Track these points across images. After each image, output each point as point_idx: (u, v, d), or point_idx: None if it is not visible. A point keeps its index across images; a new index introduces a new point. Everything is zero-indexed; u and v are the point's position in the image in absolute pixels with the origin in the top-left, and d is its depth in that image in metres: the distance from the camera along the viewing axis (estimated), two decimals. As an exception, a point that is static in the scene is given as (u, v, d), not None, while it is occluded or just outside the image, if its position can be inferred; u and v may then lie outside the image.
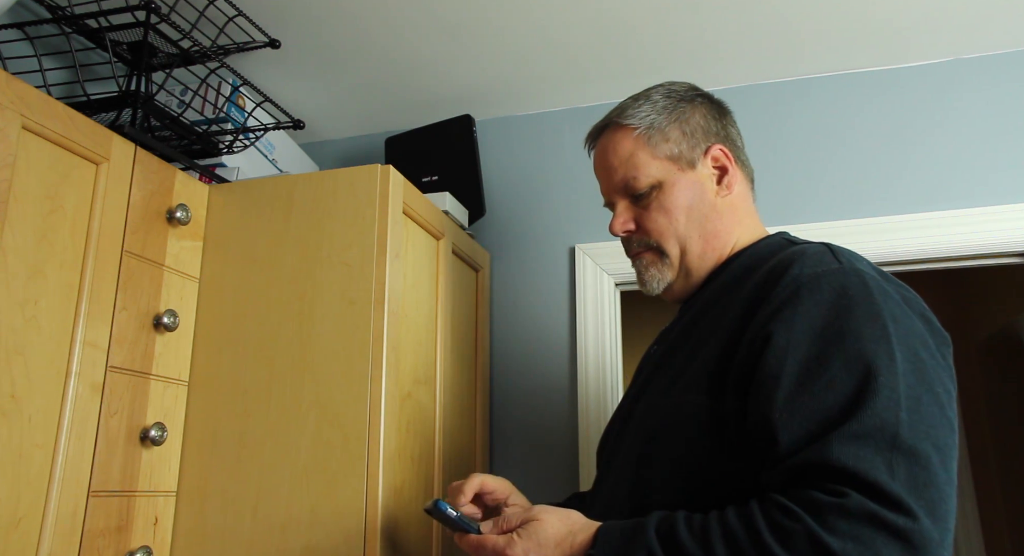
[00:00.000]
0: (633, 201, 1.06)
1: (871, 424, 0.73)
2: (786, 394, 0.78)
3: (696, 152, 1.05)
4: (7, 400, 0.99)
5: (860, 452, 0.72)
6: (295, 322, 1.28)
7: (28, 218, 1.04)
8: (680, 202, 1.03)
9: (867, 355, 0.77)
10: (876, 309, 0.80)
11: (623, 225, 1.07)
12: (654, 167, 1.04)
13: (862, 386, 0.75)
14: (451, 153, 1.79)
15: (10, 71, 1.10)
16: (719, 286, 1.00)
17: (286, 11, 1.55)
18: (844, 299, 0.81)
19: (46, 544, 1.01)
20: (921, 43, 1.66)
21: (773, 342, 0.81)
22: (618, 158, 1.06)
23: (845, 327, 0.79)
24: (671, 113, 1.06)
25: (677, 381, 0.93)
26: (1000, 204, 1.60)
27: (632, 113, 1.06)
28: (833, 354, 0.78)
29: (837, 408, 0.75)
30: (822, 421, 0.75)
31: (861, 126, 1.73)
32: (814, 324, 0.80)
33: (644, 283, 1.07)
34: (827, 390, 0.76)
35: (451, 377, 1.53)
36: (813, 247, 0.91)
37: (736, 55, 1.71)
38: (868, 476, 0.71)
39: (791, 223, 1.69)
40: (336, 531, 1.16)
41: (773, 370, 0.80)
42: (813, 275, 0.84)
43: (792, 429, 0.76)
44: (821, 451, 0.73)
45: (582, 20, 1.58)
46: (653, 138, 1.05)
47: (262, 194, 1.37)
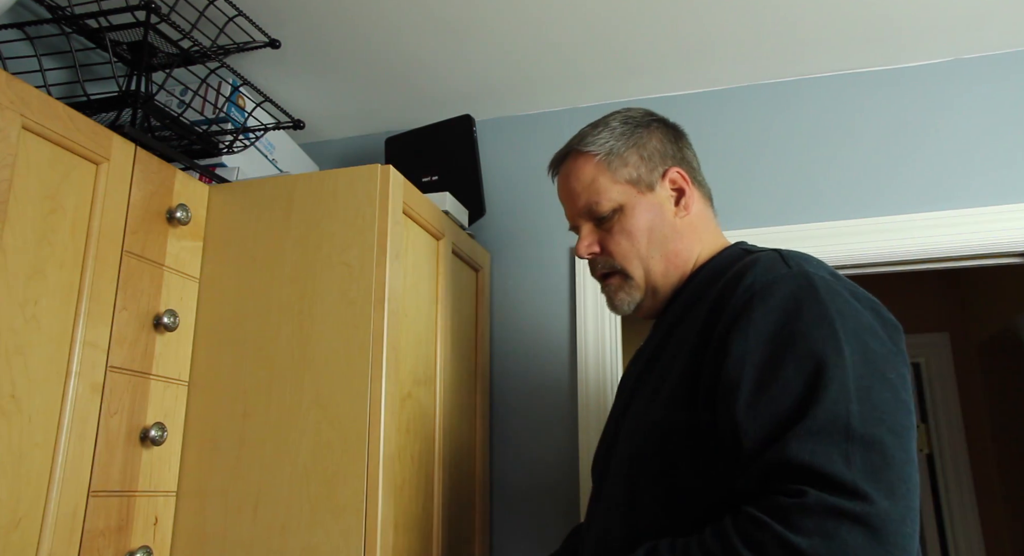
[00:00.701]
0: (597, 224, 1.11)
1: (824, 419, 0.77)
2: (746, 399, 0.82)
3: (654, 175, 1.09)
4: (7, 400, 0.99)
5: (815, 447, 0.76)
6: (295, 322, 1.28)
7: (28, 218, 1.04)
8: (641, 224, 1.08)
9: (816, 354, 0.82)
10: (823, 309, 0.85)
11: (588, 248, 1.12)
12: (615, 191, 1.09)
13: (813, 384, 0.80)
14: (451, 153, 1.79)
15: (10, 71, 1.10)
16: (683, 301, 1.05)
17: (286, 11, 1.55)
18: (792, 303, 0.86)
19: (46, 544, 1.01)
20: (921, 43, 1.66)
21: (731, 351, 0.86)
22: (580, 184, 1.11)
23: (795, 330, 0.84)
24: (628, 139, 1.11)
25: (655, 398, 0.96)
26: (1000, 204, 1.60)
27: (592, 140, 1.11)
28: (785, 356, 0.83)
29: (792, 408, 0.80)
30: (779, 422, 0.79)
31: (861, 126, 1.73)
32: (766, 330, 0.85)
33: (615, 306, 1.11)
34: (782, 392, 0.81)
35: (451, 377, 1.53)
36: (765, 255, 0.95)
37: (736, 55, 1.71)
38: (824, 469, 0.75)
39: (791, 223, 1.69)
40: (336, 531, 1.16)
41: (733, 378, 0.84)
42: (764, 284, 0.89)
43: (753, 433, 0.80)
44: (779, 451, 0.78)
45: (582, 20, 1.58)
46: (613, 163, 1.09)
47: (262, 194, 1.37)
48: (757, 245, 1.09)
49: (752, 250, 1.05)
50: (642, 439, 0.96)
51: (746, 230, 1.72)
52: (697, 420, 0.89)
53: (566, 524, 1.67)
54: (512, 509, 1.72)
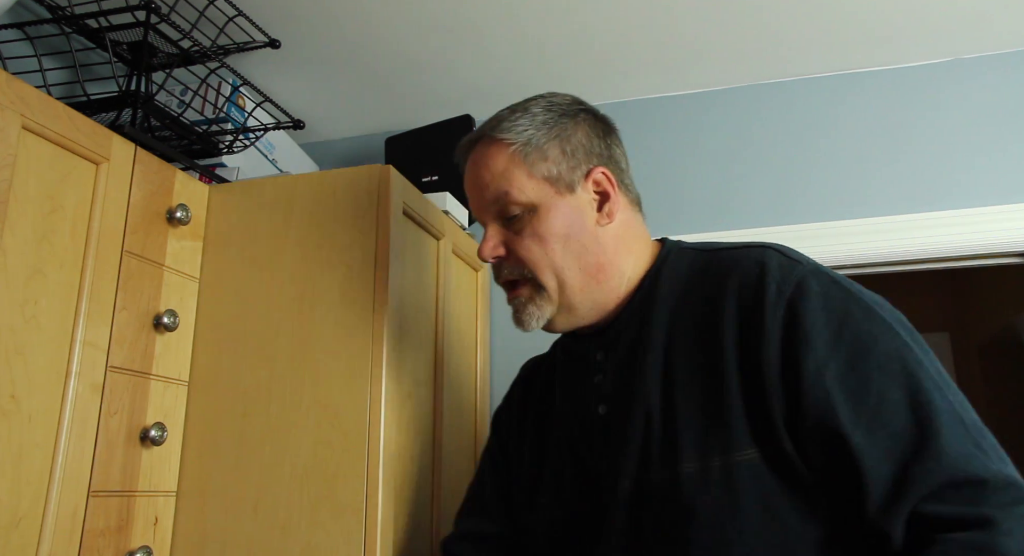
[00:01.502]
0: (504, 224, 0.94)
1: (945, 422, 0.73)
2: (847, 420, 0.74)
3: (576, 174, 0.93)
4: (7, 400, 0.98)
5: (962, 451, 0.72)
6: (295, 322, 1.28)
7: (28, 218, 1.04)
8: (556, 230, 0.91)
9: (893, 356, 0.76)
10: (862, 302, 0.80)
11: (493, 250, 0.94)
12: (529, 188, 0.92)
13: (912, 390, 0.75)
14: (451, 153, 1.78)
15: (10, 71, 1.10)
16: (661, 323, 0.89)
17: (286, 11, 1.55)
18: (833, 301, 0.80)
19: (46, 544, 1.01)
20: (921, 43, 1.66)
21: (804, 367, 0.77)
22: (490, 173, 0.94)
23: (857, 331, 0.78)
24: (551, 129, 0.94)
25: (704, 443, 0.80)
26: (1000, 204, 1.60)
27: (508, 126, 0.94)
28: (867, 365, 0.76)
29: (908, 420, 0.74)
30: (906, 441, 0.73)
31: (861, 126, 1.73)
32: (827, 335, 0.78)
33: (521, 322, 0.94)
34: (884, 407, 0.75)
35: (451, 377, 1.53)
36: (761, 254, 0.86)
37: (736, 55, 1.71)
38: (983, 472, 0.71)
39: (791, 223, 1.69)
40: (336, 531, 1.16)
41: (820, 397, 0.76)
42: (794, 283, 0.81)
43: (878, 457, 0.73)
44: (932, 472, 0.72)
45: (581, 21, 1.58)
46: (530, 156, 0.92)
47: (262, 194, 1.36)
48: (684, 241, 0.98)
49: (707, 247, 0.94)
50: (710, 488, 0.79)
51: (746, 230, 1.72)
52: (774, 452, 0.77)
53: (566, 524, 1.66)
54: (512, 509, 1.71)
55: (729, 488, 0.77)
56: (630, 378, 0.89)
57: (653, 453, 0.83)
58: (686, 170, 1.82)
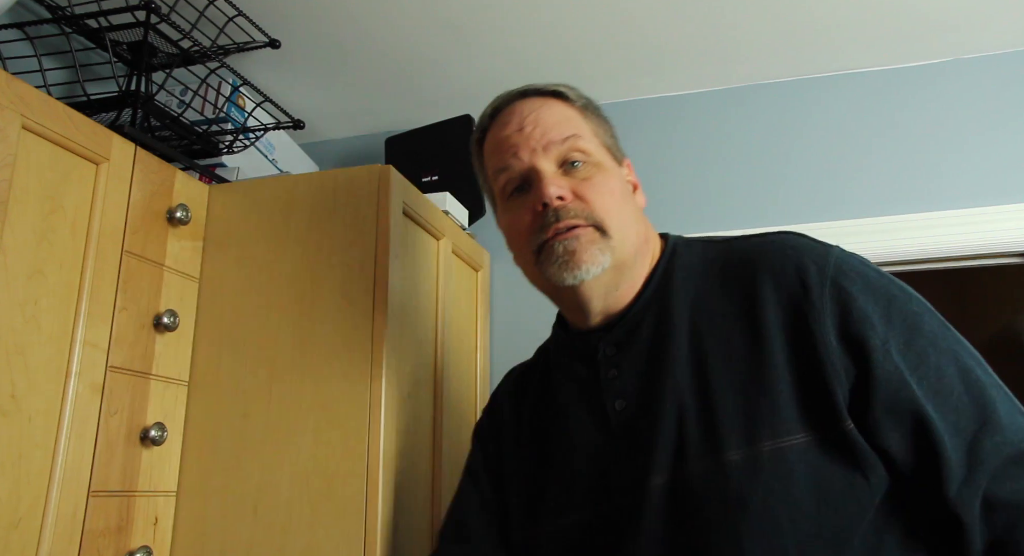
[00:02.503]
0: (563, 171, 0.87)
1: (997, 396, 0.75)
2: (922, 395, 0.74)
3: (620, 154, 0.94)
4: (7, 400, 0.98)
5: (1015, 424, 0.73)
6: (295, 322, 1.28)
7: (28, 218, 1.04)
8: (618, 192, 0.87)
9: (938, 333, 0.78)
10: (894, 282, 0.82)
11: (559, 190, 0.84)
12: (594, 145, 0.89)
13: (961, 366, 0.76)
14: (451, 153, 1.79)
15: (10, 71, 1.10)
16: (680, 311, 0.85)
17: (286, 11, 1.55)
18: (869, 280, 0.79)
19: (46, 544, 1.01)
20: (921, 43, 1.66)
21: (869, 345, 0.75)
22: (554, 118, 0.89)
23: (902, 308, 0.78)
24: (599, 111, 0.95)
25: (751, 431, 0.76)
26: (1000, 204, 1.60)
27: (564, 90, 0.92)
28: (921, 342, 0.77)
29: (966, 396, 0.74)
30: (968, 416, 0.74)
31: (861, 126, 1.73)
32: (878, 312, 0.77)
33: (579, 264, 0.82)
34: (941, 381, 0.75)
35: (451, 377, 1.53)
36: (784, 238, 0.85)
37: (736, 55, 1.71)
38: None
39: (791, 223, 1.69)
40: (336, 531, 1.16)
41: (892, 375, 0.74)
42: (834, 265, 0.79)
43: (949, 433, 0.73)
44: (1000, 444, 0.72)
45: (582, 20, 1.58)
46: (591, 119, 0.91)
47: (262, 194, 1.36)
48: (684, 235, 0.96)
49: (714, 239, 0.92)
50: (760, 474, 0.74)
51: (745, 230, 1.72)
52: (842, 434, 0.74)
53: (566, 524, 1.66)
54: (512, 509, 1.71)
55: (780, 475, 0.73)
56: (655, 371, 0.83)
57: (690, 444, 0.78)
58: (684, 170, 1.82)
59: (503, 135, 0.90)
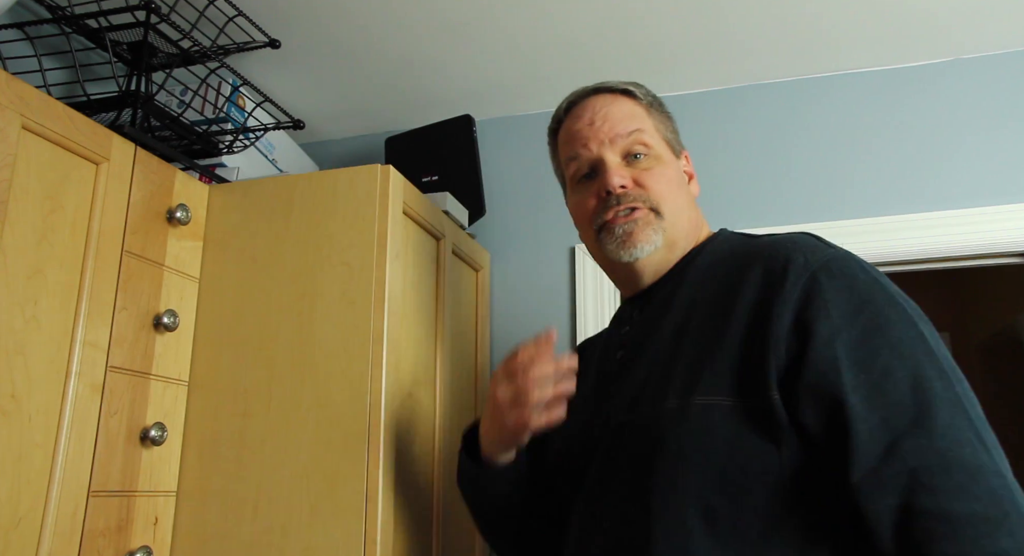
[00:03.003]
0: (626, 162, 1.00)
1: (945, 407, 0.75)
2: (851, 385, 0.77)
3: (679, 147, 1.08)
4: (7, 400, 0.99)
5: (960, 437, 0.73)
6: (295, 322, 1.28)
7: (28, 218, 1.04)
8: (674, 180, 1.02)
9: (905, 341, 0.79)
10: (887, 292, 0.83)
11: (623, 178, 0.98)
12: (655, 139, 1.02)
13: (917, 373, 0.77)
14: (451, 153, 1.79)
15: (10, 71, 1.10)
16: (690, 286, 0.95)
17: (286, 11, 1.55)
18: (857, 282, 0.83)
19: (46, 544, 1.01)
20: (921, 43, 1.66)
21: (815, 331, 0.80)
22: (621, 112, 1.02)
23: (875, 313, 0.81)
24: (663, 107, 1.08)
25: (690, 387, 0.85)
26: (1000, 204, 1.60)
27: (631, 88, 1.05)
28: (878, 343, 0.79)
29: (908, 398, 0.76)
30: (903, 416, 0.75)
31: (860, 126, 1.73)
32: (845, 309, 0.81)
33: (634, 244, 0.97)
34: (887, 380, 0.77)
35: (451, 377, 1.53)
36: (798, 236, 0.91)
37: (736, 55, 1.71)
38: (975, 458, 0.72)
39: (792, 223, 1.69)
40: (336, 531, 1.16)
41: (828, 358, 0.79)
42: (823, 261, 0.84)
43: (872, 425, 0.75)
44: (924, 448, 0.73)
45: (583, 20, 1.58)
46: (654, 115, 1.05)
47: (262, 194, 1.36)
48: None
49: (753, 235, 1.01)
50: (684, 423, 0.83)
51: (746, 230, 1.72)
52: (753, 404, 0.81)
53: (566, 524, 1.66)
54: (512, 509, 1.71)
55: (702, 426, 0.82)
56: (650, 331, 0.96)
57: (646, 393, 0.89)
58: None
59: (576, 128, 1.04)
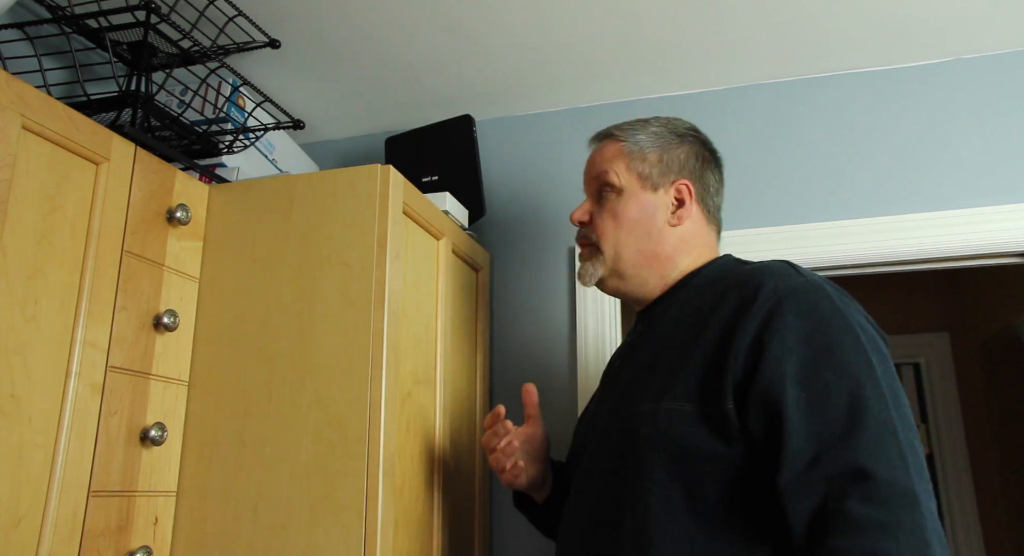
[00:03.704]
0: (596, 200, 1.20)
1: (877, 428, 0.83)
2: (791, 400, 0.87)
3: (664, 179, 1.16)
4: (7, 400, 0.99)
5: (878, 454, 0.82)
6: (295, 322, 1.28)
7: (28, 218, 1.04)
8: (630, 214, 1.15)
9: (852, 365, 0.88)
10: (845, 318, 0.92)
11: (580, 215, 1.21)
12: (623, 176, 1.16)
13: (857, 393, 0.86)
14: (451, 153, 1.79)
15: (10, 71, 1.10)
16: (680, 304, 1.08)
17: (286, 11, 1.55)
18: (819, 311, 0.92)
19: (46, 544, 1.01)
20: (921, 43, 1.66)
21: (769, 349, 0.90)
22: (600, 158, 1.21)
23: (829, 338, 0.90)
24: (658, 140, 1.18)
25: (661, 393, 0.98)
26: (1000, 204, 1.60)
27: (628, 132, 1.20)
28: (824, 365, 0.88)
29: (844, 415, 0.85)
30: (833, 429, 0.84)
31: (860, 126, 1.73)
32: (802, 332, 0.90)
33: (579, 275, 1.19)
34: (828, 399, 0.86)
35: (451, 377, 1.53)
36: (776, 264, 1.01)
37: (736, 55, 1.71)
38: (888, 475, 0.81)
39: (792, 223, 1.69)
40: (336, 531, 1.16)
41: (775, 375, 0.89)
42: (789, 288, 0.94)
43: (804, 437, 0.85)
44: (846, 458, 0.83)
45: (583, 20, 1.58)
46: (634, 155, 1.17)
47: (262, 194, 1.37)
48: None
49: (746, 261, 1.11)
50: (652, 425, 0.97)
51: (747, 230, 1.72)
52: (711, 411, 0.93)
53: (566, 524, 1.67)
54: (512, 509, 1.72)
55: (668, 425, 0.95)
56: (643, 341, 1.12)
57: (629, 396, 1.05)
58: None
59: (585, 169, 1.26)
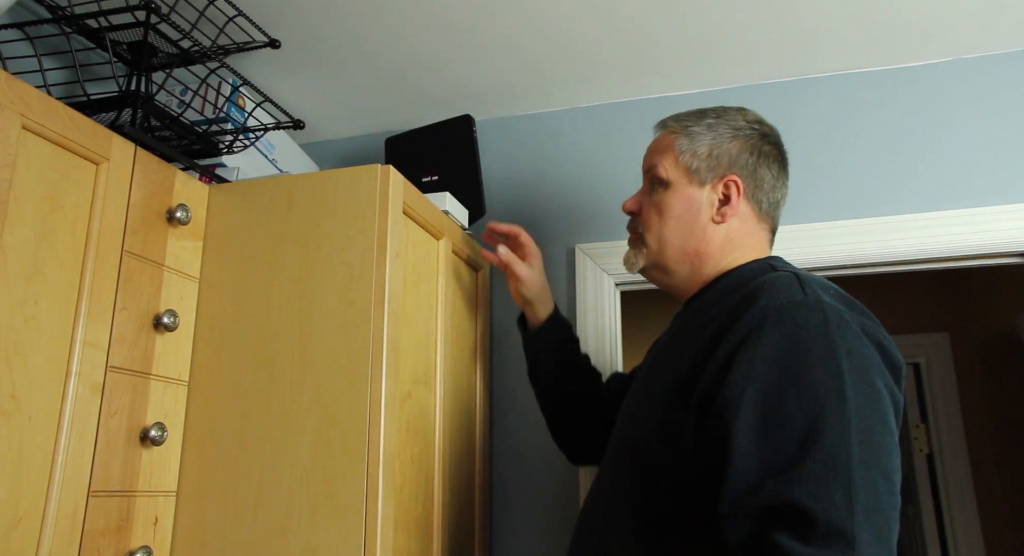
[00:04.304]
0: (648, 190, 1.20)
1: (824, 462, 0.79)
2: (746, 421, 0.84)
3: (711, 174, 1.13)
4: (7, 400, 0.99)
5: (817, 491, 0.78)
6: (295, 322, 1.28)
7: (28, 218, 1.04)
8: (675, 209, 1.14)
9: (819, 394, 0.83)
10: (832, 344, 0.85)
11: (631, 205, 1.22)
12: (671, 170, 1.15)
13: (814, 424, 0.81)
14: (451, 153, 1.79)
15: (10, 71, 1.10)
16: (700, 306, 1.09)
17: (286, 11, 1.55)
18: (804, 331, 0.87)
19: (46, 544, 1.01)
20: (921, 43, 1.66)
21: (734, 370, 0.87)
22: (654, 149, 1.21)
23: (803, 363, 0.85)
24: (711, 134, 1.15)
25: (655, 393, 1.01)
26: (1000, 204, 1.60)
27: (682, 122, 1.19)
28: (788, 391, 0.84)
29: (794, 445, 0.81)
30: (779, 458, 0.81)
31: (861, 126, 1.73)
32: (773, 356, 0.86)
33: (624, 260, 1.22)
34: (783, 427, 0.82)
35: (451, 377, 1.53)
36: (783, 277, 0.96)
37: (736, 55, 1.71)
38: (824, 514, 0.77)
39: (792, 223, 1.69)
40: (336, 531, 1.16)
41: (734, 396, 0.86)
42: (778, 307, 0.89)
43: (749, 461, 0.82)
44: (782, 490, 0.80)
45: (583, 20, 1.58)
46: (684, 148, 1.15)
47: (262, 194, 1.37)
48: (788, 263, 1.10)
49: (778, 267, 1.05)
50: (642, 431, 1.01)
51: (746, 230, 1.72)
52: (674, 419, 0.93)
53: (566, 523, 1.67)
54: (512, 509, 1.72)
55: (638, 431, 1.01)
56: (666, 340, 1.13)
57: (631, 396, 1.11)
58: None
59: None
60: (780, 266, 1.07)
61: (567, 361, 1.45)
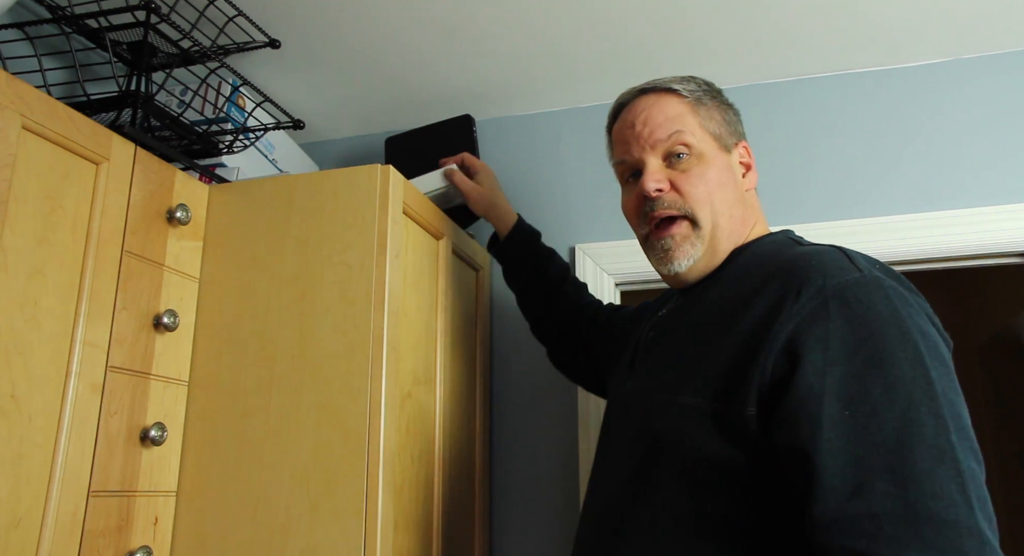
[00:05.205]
0: (668, 163, 1.02)
1: (928, 457, 0.72)
2: (831, 417, 0.76)
3: (732, 140, 1.07)
4: (7, 400, 0.99)
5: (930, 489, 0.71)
6: (295, 322, 1.28)
7: (28, 218, 1.04)
8: (717, 178, 1.01)
9: (906, 381, 0.76)
10: (903, 324, 0.79)
11: (658, 182, 1.01)
12: (699, 136, 1.02)
13: (908, 415, 0.74)
14: (451, 153, 1.79)
15: (10, 71, 1.10)
16: (724, 282, 0.97)
17: (286, 11, 1.55)
18: (872, 315, 0.79)
19: (46, 544, 1.01)
20: (921, 43, 1.66)
21: (809, 358, 0.79)
22: (664, 114, 1.03)
23: (881, 349, 0.77)
24: (715, 98, 1.07)
25: (684, 381, 0.90)
26: (1000, 204, 1.60)
27: (679, 85, 1.06)
28: (873, 379, 0.76)
29: (891, 442, 0.73)
30: (875, 458, 0.73)
31: (861, 126, 1.73)
32: (849, 342, 0.78)
33: (673, 260, 1.01)
34: (876, 421, 0.74)
35: (451, 377, 1.53)
36: (829, 253, 0.87)
37: (735, 55, 1.71)
38: (948, 514, 0.70)
39: (792, 223, 1.69)
40: (336, 531, 1.16)
41: (813, 390, 0.77)
42: (838, 287, 0.81)
43: (843, 462, 0.74)
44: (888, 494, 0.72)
45: (581, 20, 1.58)
46: (701, 110, 1.04)
47: (262, 194, 1.37)
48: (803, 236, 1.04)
49: (802, 241, 0.98)
50: (664, 423, 0.90)
51: (746, 230, 1.72)
52: (727, 411, 0.83)
53: (566, 523, 1.67)
54: (512, 509, 1.72)
55: (678, 422, 0.88)
56: (678, 319, 1.02)
57: (649, 381, 0.98)
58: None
59: (621, 130, 1.09)
60: (800, 239, 1.01)
61: (535, 272, 1.45)
